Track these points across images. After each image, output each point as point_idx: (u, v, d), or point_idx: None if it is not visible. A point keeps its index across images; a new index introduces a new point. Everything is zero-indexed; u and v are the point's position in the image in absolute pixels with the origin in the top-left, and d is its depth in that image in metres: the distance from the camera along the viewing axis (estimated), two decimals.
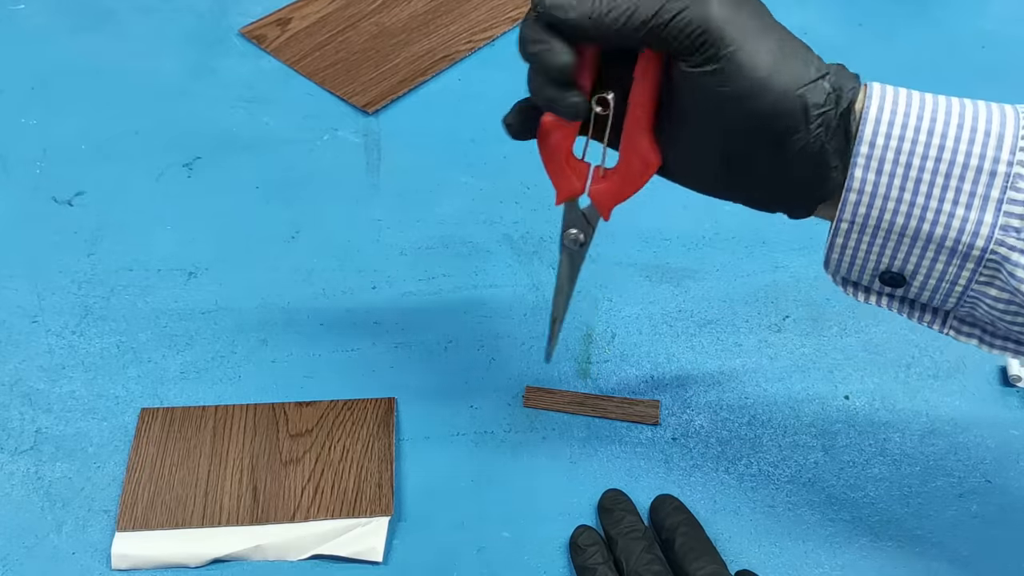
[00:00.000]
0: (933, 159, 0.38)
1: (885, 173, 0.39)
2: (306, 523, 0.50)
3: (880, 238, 0.40)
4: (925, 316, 0.43)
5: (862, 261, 0.41)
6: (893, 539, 0.51)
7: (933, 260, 0.39)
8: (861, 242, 0.40)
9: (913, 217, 0.39)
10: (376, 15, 0.83)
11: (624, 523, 0.49)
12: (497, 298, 0.62)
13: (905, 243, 0.40)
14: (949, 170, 0.38)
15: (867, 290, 0.43)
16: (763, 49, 0.39)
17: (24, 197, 0.68)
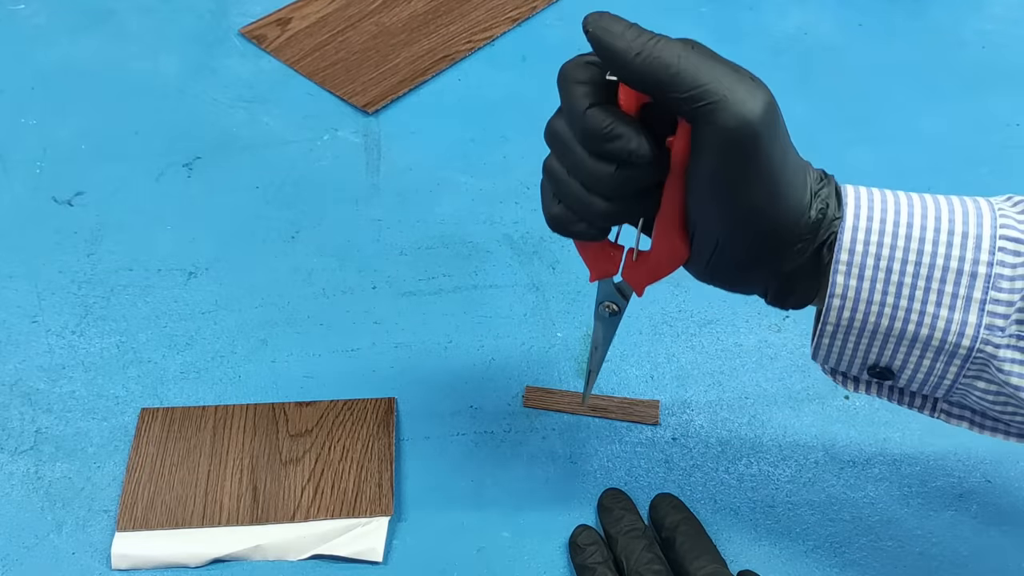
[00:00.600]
0: (913, 263, 0.38)
1: (866, 279, 0.39)
2: (306, 523, 0.50)
3: (866, 338, 0.40)
4: (915, 402, 0.44)
5: (850, 357, 0.42)
6: (893, 539, 0.51)
7: (920, 357, 0.40)
8: (848, 341, 0.41)
9: (897, 320, 0.39)
10: (376, 15, 0.83)
11: (624, 522, 0.49)
12: (497, 298, 0.62)
13: (891, 342, 0.40)
14: (930, 273, 0.38)
15: (856, 380, 0.44)
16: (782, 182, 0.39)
17: (24, 197, 0.68)
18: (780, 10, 0.85)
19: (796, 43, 0.82)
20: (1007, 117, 0.76)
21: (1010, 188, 0.71)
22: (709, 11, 0.85)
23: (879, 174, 0.70)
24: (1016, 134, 0.74)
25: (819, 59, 0.81)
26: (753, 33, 0.83)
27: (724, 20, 0.84)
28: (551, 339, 0.60)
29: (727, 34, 0.83)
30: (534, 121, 0.74)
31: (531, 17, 0.84)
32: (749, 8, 0.85)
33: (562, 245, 0.65)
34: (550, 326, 0.60)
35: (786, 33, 0.83)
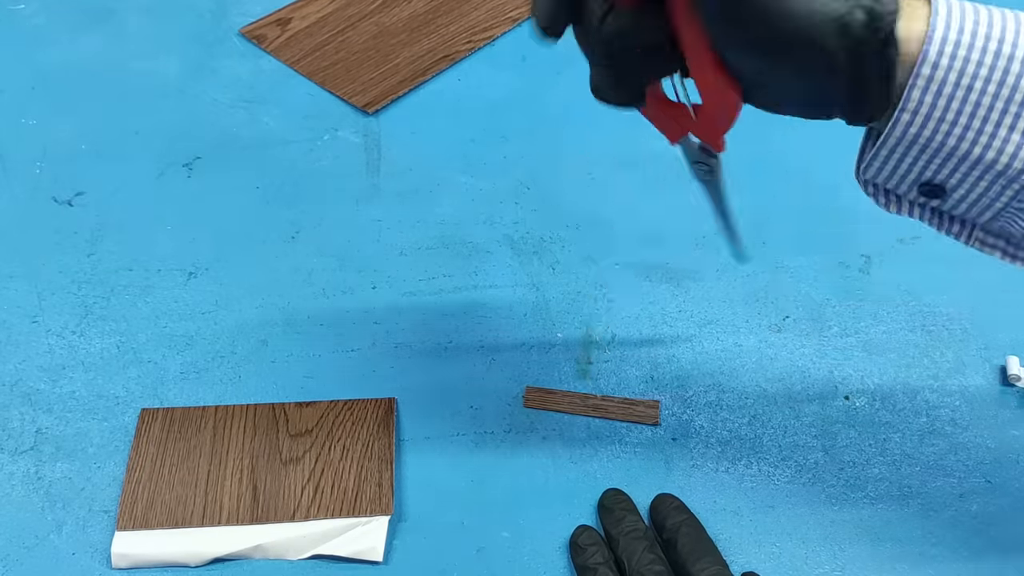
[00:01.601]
0: (996, 82, 0.37)
1: (944, 96, 0.38)
2: (306, 523, 0.50)
3: (927, 154, 0.39)
4: (953, 227, 0.43)
5: (903, 172, 0.41)
6: (893, 539, 0.51)
7: (978, 179, 0.39)
8: (906, 156, 0.40)
9: (966, 140, 0.38)
10: (376, 15, 0.83)
11: (625, 523, 0.49)
12: (497, 298, 0.62)
13: (952, 161, 0.39)
14: (1011, 95, 0.37)
15: (899, 199, 0.43)
16: None
17: (24, 197, 0.68)
18: None
19: None
20: None
21: None
22: None
23: None
24: None
25: None
26: None
27: None
28: (551, 339, 0.60)
29: None
30: (534, 121, 0.75)
31: (531, 17, 0.84)
32: None
33: (562, 245, 0.65)
34: (550, 326, 0.60)
35: None
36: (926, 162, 0.40)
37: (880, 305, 0.62)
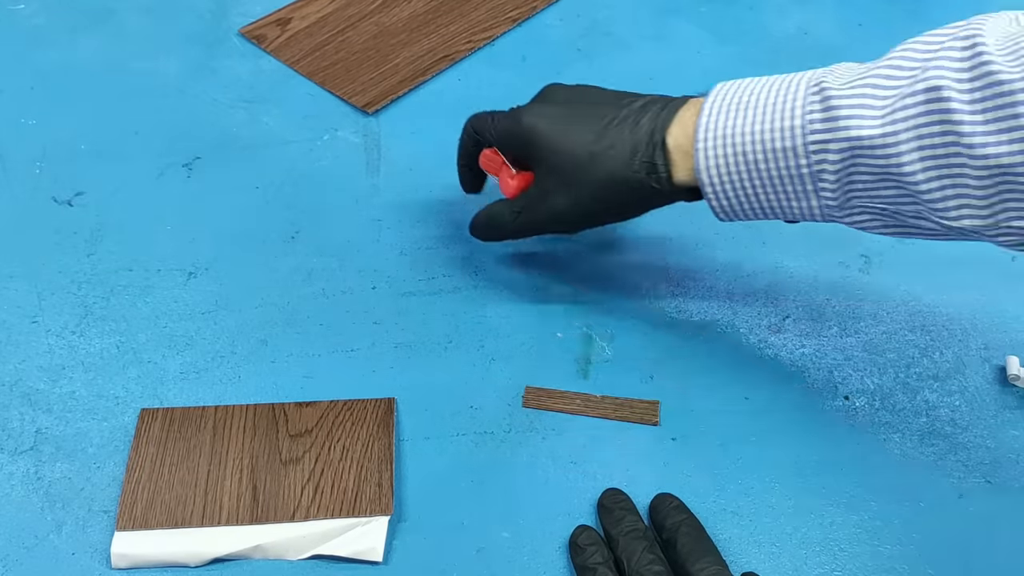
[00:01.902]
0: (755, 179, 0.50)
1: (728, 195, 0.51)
2: (306, 523, 0.50)
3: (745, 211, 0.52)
4: None
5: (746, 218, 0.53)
6: (893, 539, 0.51)
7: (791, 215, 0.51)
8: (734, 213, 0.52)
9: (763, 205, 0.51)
10: (376, 15, 0.83)
11: (625, 522, 0.49)
12: (497, 298, 0.62)
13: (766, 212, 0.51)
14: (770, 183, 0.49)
15: None
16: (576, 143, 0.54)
17: (24, 197, 0.68)
18: (780, 10, 0.85)
19: (796, 43, 0.82)
20: None
21: None
22: (709, 11, 0.85)
23: None
24: None
25: (819, 59, 0.80)
26: (753, 33, 0.83)
27: (724, 20, 0.84)
28: (551, 339, 0.60)
29: (727, 34, 0.83)
30: None
31: (531, 17, 0.84)
32: (749, 8, 0.85)
33: (563, 245, 0.65)
34: (550, 326, 0.60)
35: (786, 33, 0.83)
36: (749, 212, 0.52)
37: (880, 305, 0.62)
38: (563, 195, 0.54)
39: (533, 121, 0.55)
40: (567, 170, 0.53)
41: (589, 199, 0.54)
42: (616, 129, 0.52)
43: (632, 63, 0.80)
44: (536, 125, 0.54)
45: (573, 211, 0.55)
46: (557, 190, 0.54)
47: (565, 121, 0.54)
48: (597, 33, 0.83)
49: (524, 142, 0.55)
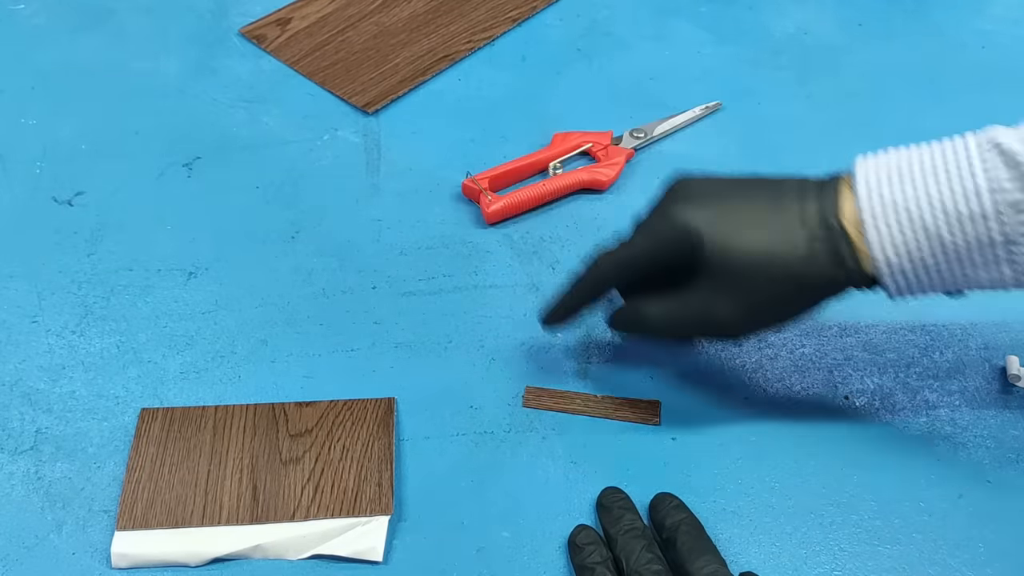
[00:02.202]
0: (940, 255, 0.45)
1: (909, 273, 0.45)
2: (306, 522, 0.50)
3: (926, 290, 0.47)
4: None
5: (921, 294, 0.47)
6: (893, 539, 0.51)
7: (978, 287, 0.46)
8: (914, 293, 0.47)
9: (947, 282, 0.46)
10: (376, 15, 0.83)
11: (623, 521, 0.49)
12: (497, 298, 0.62)
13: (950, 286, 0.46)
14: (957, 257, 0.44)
15: None
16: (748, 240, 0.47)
17: (24, 197, 0.68)
18: (780, 10, 0.85)
19: (796, 43, 0.82)
20: (1007, 117, 0.75)
21: None
22: (708, 11, 0.85)
23: None
24: None
25: (819, 59, 0.81)
26: (753, 33, 0.83)
27: (724, 20, 0.84)
28: (551, 339, 0.60)
29: (727, 34, 0.83)
30: (534, 121, 0.75)
31: (531, 17, 0.84)
32: (749, 8, 0.85)
33: (562, 245, 0.65)
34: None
35: (786, 33, 0.83)
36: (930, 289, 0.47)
37: (880, 305, 0.62)
38: (732, 301, 0.48)
39: (693, 223, 0.48)
40: (738, 273, 0.47)
41: (765, 303, 0.48)
42: (782, 222, 0.47)
43: (632, 63, 0.80)
44: (698, 227, 0.47)
45: (744, 319, 0.49)
46: (724, 296, 0.48)
47: (727, 219, 0.47)
48: (597, 33, 0.83)
49: (685, 249, 0.48)
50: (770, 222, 0.47)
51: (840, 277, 0.46)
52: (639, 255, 0.50)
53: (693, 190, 0.50)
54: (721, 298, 0.48)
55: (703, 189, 0.50)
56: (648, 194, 0.69)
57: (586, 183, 0.68)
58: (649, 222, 0.50)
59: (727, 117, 0.75)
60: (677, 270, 0.49)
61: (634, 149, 0.71)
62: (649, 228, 0.50)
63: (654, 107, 0.75)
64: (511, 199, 0.66)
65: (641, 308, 0.51)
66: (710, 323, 0.49)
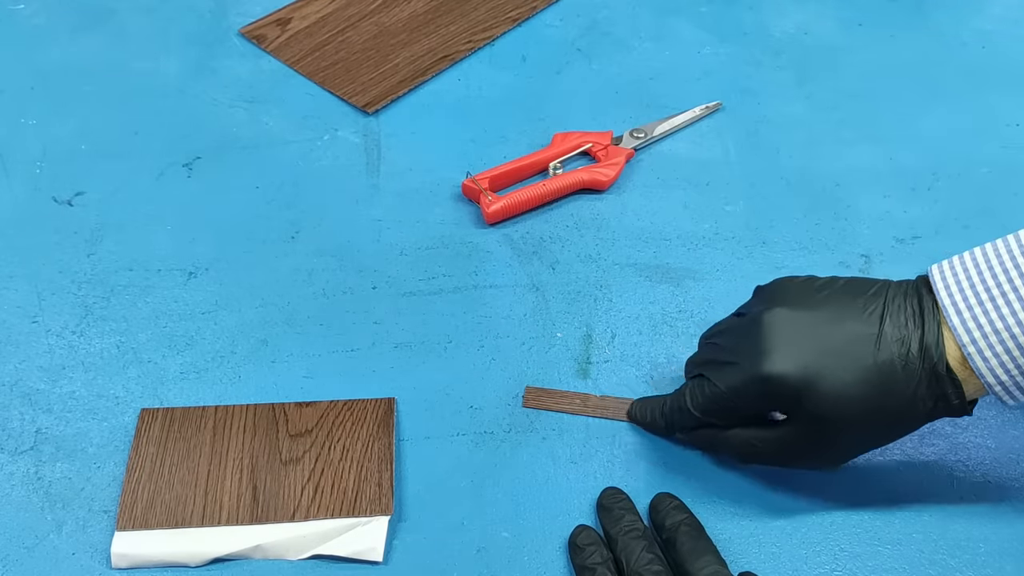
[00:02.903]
0: None
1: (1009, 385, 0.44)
2: (306, 523, 0.50)
3: None
4: None
5: None
6: (893, 540, 0.51)
7: None
8: None
9: None
10: (376, 15, 0.83)
11: (624, 522, 0.49)
12: (497, 298, 0.62)
13: None
14: None
15: None
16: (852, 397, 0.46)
17: (24, 197, 0.68)
18: (780, 10, 0.85)
19: (796, 43, 0.82)
20: (1007, 117, 0.76)
21: (1010, 188, 0.71)
22: (709, 11, 0.85)
23: (879, 174, 0.71)
24: (1016, 134, 0.74)
25: (819, 59, 0.81)
26: (753, 33, 0.83)
27: (724, 20, 0.84)
28: (551, 339, 0.60)
29: (727, 34, 0.83)
30: (534, 121, 0.75)
31: (531, 17, 0.84)
32: (749, 8, 0.85)
33: (562, 245, 0.65)
34: (550, 326, 0.60)
35: (786, 33, 0.83)
36: None
37: None
38: (823, 443, 0.47)
39: (790, 376, 0.45)
40: (838, 422, 0.46)
41: (858, 443, 0.48)
42: (884, 360, 0.45)
43: (632, 63, 0.80)
44: (795, 381, 0.45)
45: (835, 456, 0.50)
46: (817, 438, 0.47)
47: (824, 366, 0.45)
48: (597, 33, 0.83)
49: (777, 399, 0.46)
50: (872, 370, 0.45)
51: (941, 412, 0.46)
52: (729, 407, 0.48)
53: (787, 329, 0.46)
54: (812, 441, 0.47)
55: (797, 327, 0.46)
56: (648, 194, 0.69)
57: (586, 183, 0.68)
58: (741, 369, 0.47)
59: (727, 117, 0.75)
60: None
61: (634, 149, 0.71)
62: (741, 376, 0.47)
63: (654, 107, 0.75)
64: (511, 199, 0.66)
65: (722, 433, 0.50)
66: (803, 460, 0.50)
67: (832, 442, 0.47)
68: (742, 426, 0.50)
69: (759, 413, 0.49)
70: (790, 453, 0.49)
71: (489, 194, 0.65)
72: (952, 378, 0.44)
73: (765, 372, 0.46)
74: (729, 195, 0.69)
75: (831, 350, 0.45)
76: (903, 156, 0.72)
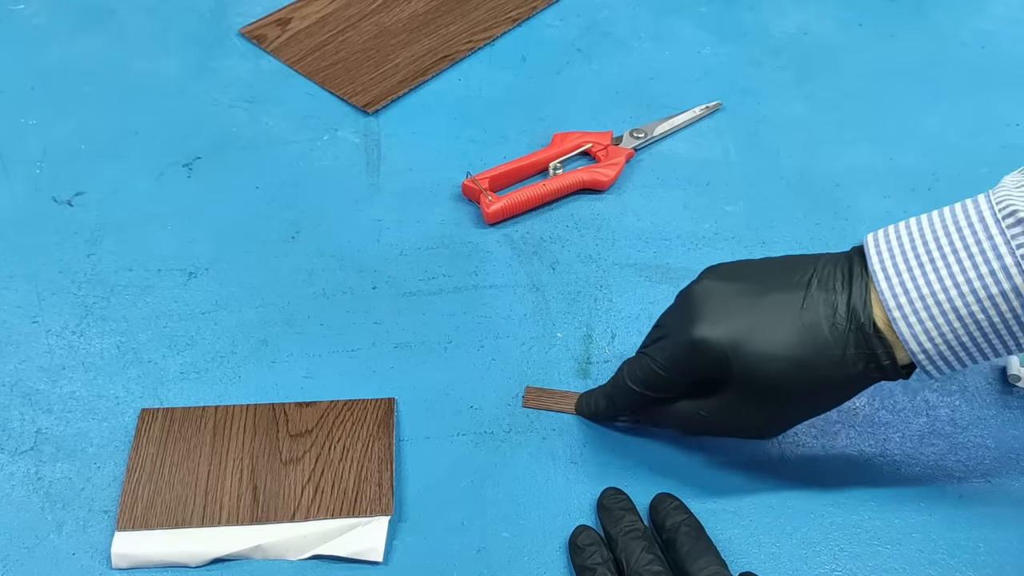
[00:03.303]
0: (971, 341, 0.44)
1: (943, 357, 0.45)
2: (306, 523, 0.50)
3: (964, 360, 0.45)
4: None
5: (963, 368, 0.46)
6: (893, 540, 0.51)
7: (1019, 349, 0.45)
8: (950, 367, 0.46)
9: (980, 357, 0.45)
10: (376, 15, 0.83)
11: (624, 522, 0.49)
12: (497, 298, 0.62)
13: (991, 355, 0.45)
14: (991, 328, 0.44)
15: None
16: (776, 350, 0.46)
17: (24, 197, 0.68)
18: (780, 10, 0.85)
19: (796, 43, 0.82)
20: (1007, 117, 0.76)
21: None
22: (709, 11, 0.85)
23: (879, 174, 0.71)
24: (1016, 134, 0.74)
25: (819, 59, 0.81)
26: (753, 33, 0.83)
27: (724, 20, 0.84)
28: (551, 339, 0.60)
29: (727, 34, 0.83)
30: (534, 121, 0.75)
31: (531, 17, 0.84)
32: (749, 8, 0.85)
33: (562, 245, 0.65)
34: (550, 326, 0.60)
35: (786, 33, 0.83)
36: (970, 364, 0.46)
37: None
38: (762, 408, 0.48)
39: (718, 341, 0.46)
40: (767, 384, 0.46)
41: (796, 407, 0.48)
42: (811, 328, 0.45)
43: (632, 63, 0.80)
44: (723, 345, 0.46)
45: (774, 423, 0.50)
46: (754, 404, 0.48)
47: (753, 332, 0.46)
48: (597, 33, 0.83)
49: (710, 366, 0.47)
50: (798, 330, 0.45)
51: (874, 374, 0.46)
52: (665, 377, 0.49)
53: (714, 298, 0.48)
54: (750, 406, 0.48)
55: (724, 296, 0.48)
56: (648, 194, 0.69)
57: (586, 183, 0.68)
58: (672, 339, 0.48)
59: (727, 117, 0.75)
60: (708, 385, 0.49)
61: (634, 149, 0.71)
62: (672, 345, 0.48)
63: (654, 107, 0.75)
64: (511, 199, 0.66)
65: (667, 407, 0.51)
66: (739, 428, 0.50)
67: (767, 405, 0.47)
68: (686, 398, 0.50)
69: (698, 382, 0.49)
70: (731, 420, 0.49)
71: (489, 194, 0.66)
72: (880, 337, 0.45)
73: (695, 337, 0.47)
74: (729, 195, 0.69)
75: (758, 313, 0.46)
76: (903, 156, 0.72)
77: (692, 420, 0.50)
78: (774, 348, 0.45)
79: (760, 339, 0.46)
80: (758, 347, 0.46)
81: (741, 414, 0.48)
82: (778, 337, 0.46)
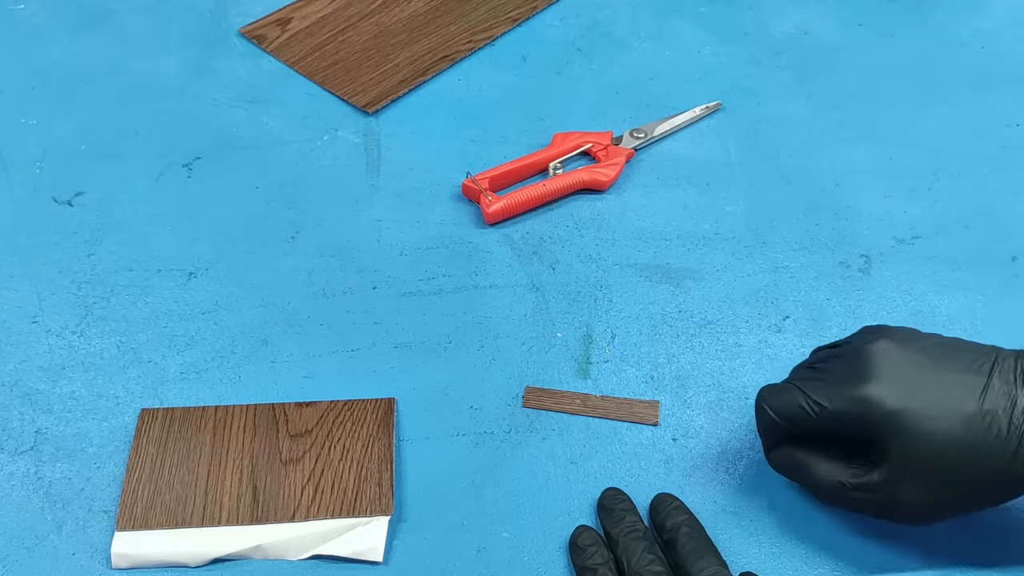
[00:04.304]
0: None
1: None
2: (306, 523, 0.50)
3: None
4: None
5: None
6: (893, 540, 0.51)
7: None
8: None
9: None
10: (376, 15, 0.83)
11: (625, 522, 0.49)
12: (497, 298, 0.62)
13: None
14: None
15: None
16: None
17: (24, 197, 0.68)
18: (780, 10, 0.85)
19: (796, 43, 0.82)
20: (1007, 117, 0.76)
21: (1010, 188, 0.71)
22: (709, 11, 0.85)
23: (879, 174, 0.71)
24: (1016, 134, 0.74)
25: (819, 59, 0.81)
26: (753, 33, 0.83)
27: (724, 20, 0.84)
28: (551, 339, 0.60)
29: (727, 34, 0.83)
30: (534, 121, 0.75)
31: (531, 17, 0.84)
32: (749, 8, 0.85)
33: (562, 245, 0.65)
34: (550, 326, 0.60)
35: (786, 33, 0.83)
36: None
37: (880, 305, 0.62)
38: (922, 488, 0.45)
39: (890, 406, 0.44)
40: (932, 461, 0.44)
41: (957, 495, 0.45)
42: (989, 409, 0.44)
43: (632, 63, 0.80)
44: (895, 412, 0.44)
45: (931, 508, 0.46)
46: (914, 481, 0.45)
47: (925, 402, 0.44)
48: (597, 33, 0.83)
49: (864, 425, 0.45)
50: (976, 415, 0.44)
51: None
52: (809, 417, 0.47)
53: (892, 361, 0.46)
54: (909, 486, 0.45)
55: (902, 363, 0.46)
56: (648, 194, 0.69)
57: (586, 183, 0.68)
58: (834, 385, 0.46)
59: (727, 117, 0.75)
60: None
61: (634, 149, 0.71)
62: (834, 391, 0.46)
63: (654, 107, 0.75)
64: (511, 199, 0.66)
65: (812, 465, 0.48)
66: (891, 508, 0.47)
67: (926, 487, 0.45)
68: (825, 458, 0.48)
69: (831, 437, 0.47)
70: (874, 499, 0.47)
71: (489, 194, 0.66)
72: None
73: (864, 393, 0.45)
74: (729, 195, 0.69)
75: (936, 390, 0.45)
76: (903, 156, 0.72)
77: (833, 488, 0.48)
78: (947, 427, 0.44)
79: (933, 415, 0.44)
80: (928, 425, 0.44)
81: (895, 493, 0.46)
82: (951, 420, 0.44)
